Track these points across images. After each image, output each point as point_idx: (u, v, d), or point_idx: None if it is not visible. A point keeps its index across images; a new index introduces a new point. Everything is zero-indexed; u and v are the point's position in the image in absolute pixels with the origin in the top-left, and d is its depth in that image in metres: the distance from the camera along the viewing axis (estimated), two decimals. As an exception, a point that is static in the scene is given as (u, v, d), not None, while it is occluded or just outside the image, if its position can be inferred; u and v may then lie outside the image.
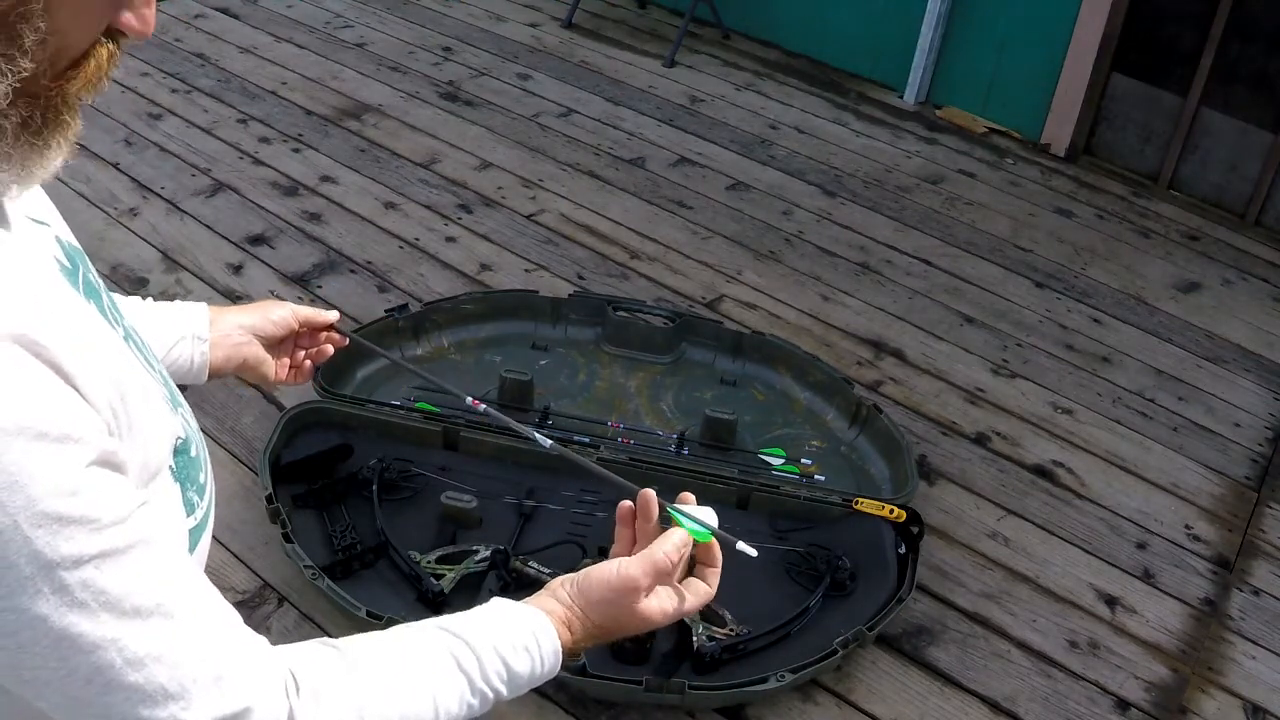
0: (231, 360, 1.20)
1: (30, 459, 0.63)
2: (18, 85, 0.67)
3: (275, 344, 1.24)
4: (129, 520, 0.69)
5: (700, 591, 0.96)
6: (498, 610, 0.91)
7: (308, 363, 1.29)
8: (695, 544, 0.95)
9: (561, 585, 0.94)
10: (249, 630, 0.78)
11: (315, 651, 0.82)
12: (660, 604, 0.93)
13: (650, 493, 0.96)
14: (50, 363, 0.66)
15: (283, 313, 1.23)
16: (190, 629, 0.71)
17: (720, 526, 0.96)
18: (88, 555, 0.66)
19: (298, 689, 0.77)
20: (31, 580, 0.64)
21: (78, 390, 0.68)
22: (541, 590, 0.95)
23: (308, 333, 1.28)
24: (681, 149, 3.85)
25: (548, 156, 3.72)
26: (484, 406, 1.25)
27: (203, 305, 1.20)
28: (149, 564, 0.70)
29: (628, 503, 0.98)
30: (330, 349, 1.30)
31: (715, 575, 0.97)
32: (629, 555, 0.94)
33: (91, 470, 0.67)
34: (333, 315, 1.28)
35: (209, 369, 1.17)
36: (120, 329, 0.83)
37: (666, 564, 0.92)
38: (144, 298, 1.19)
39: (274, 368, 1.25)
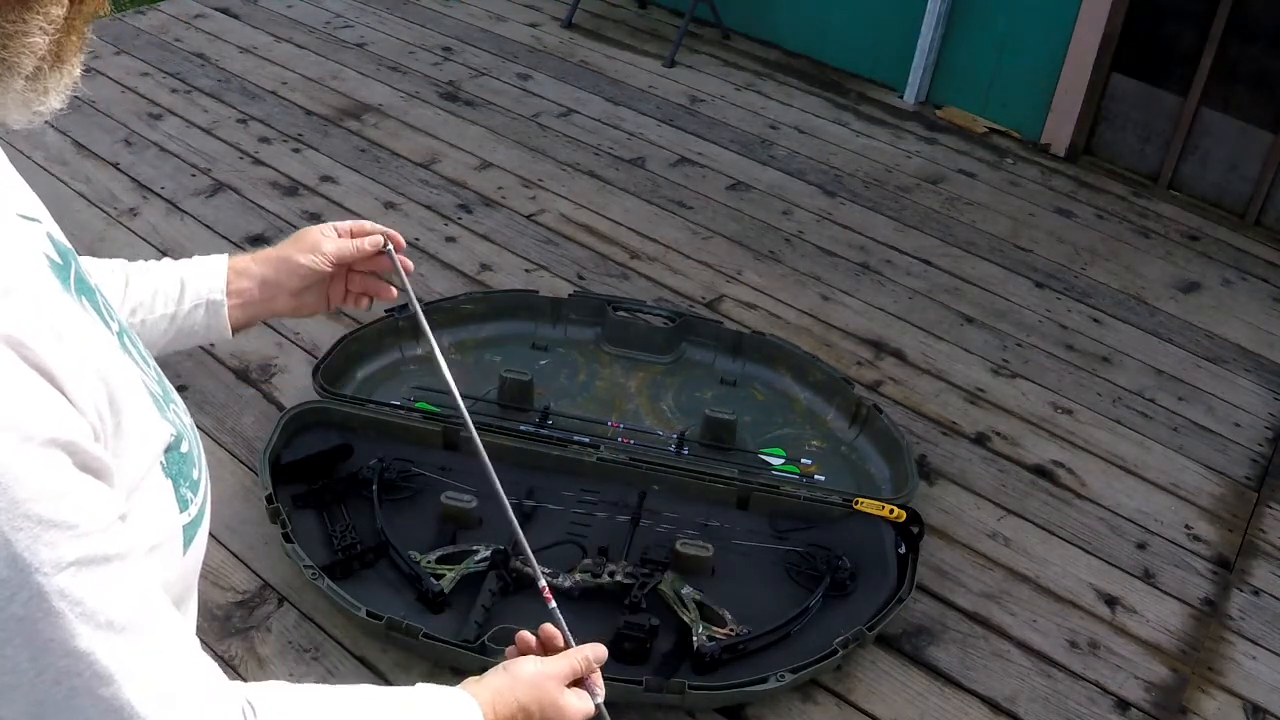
0: (259, 315, 1.17)
1: (15, 460, 0.63)
2: (55, 35, 0.71)
3: (311, 285, 1.18)
4: (109, 531, 0.68)
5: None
6: (427, 693, 0.93)
7: (364, 300, 1.22)
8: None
9: (491, 672, 0.99)
10: (206, 656, 0.78)
11: (263, 684, 0.84)
12: (577, 701, 1.02)
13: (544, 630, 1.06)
14: (37, 365, 0.66)
15: (310, 262, 1.16)
16: (160, 648, 0.71)
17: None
18: (66, 561, 0.65)
19: (254, 713, 0.78)
20: (8, 583, 0.63)
21: (64, 393, 0.67)
22: (470, 679, 0.98)
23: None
24: (681, 149, 3.85)
25: (548, 156, 3.72)
26: (529, 555, 1.15)
27: (223, 260, 1.16)
28: (125, 578, 0.69)
29: (528, 636, 1.06)
30: (393, 291, 1.21)
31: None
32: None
33: (75, 475, 0.66)
34: (376, 242, 1.18)
35: (232, 327, 1.15)
36: (115, 324, 0.83)
37: (579, 668, 1.03)
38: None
39: (319, 304, 1.20)
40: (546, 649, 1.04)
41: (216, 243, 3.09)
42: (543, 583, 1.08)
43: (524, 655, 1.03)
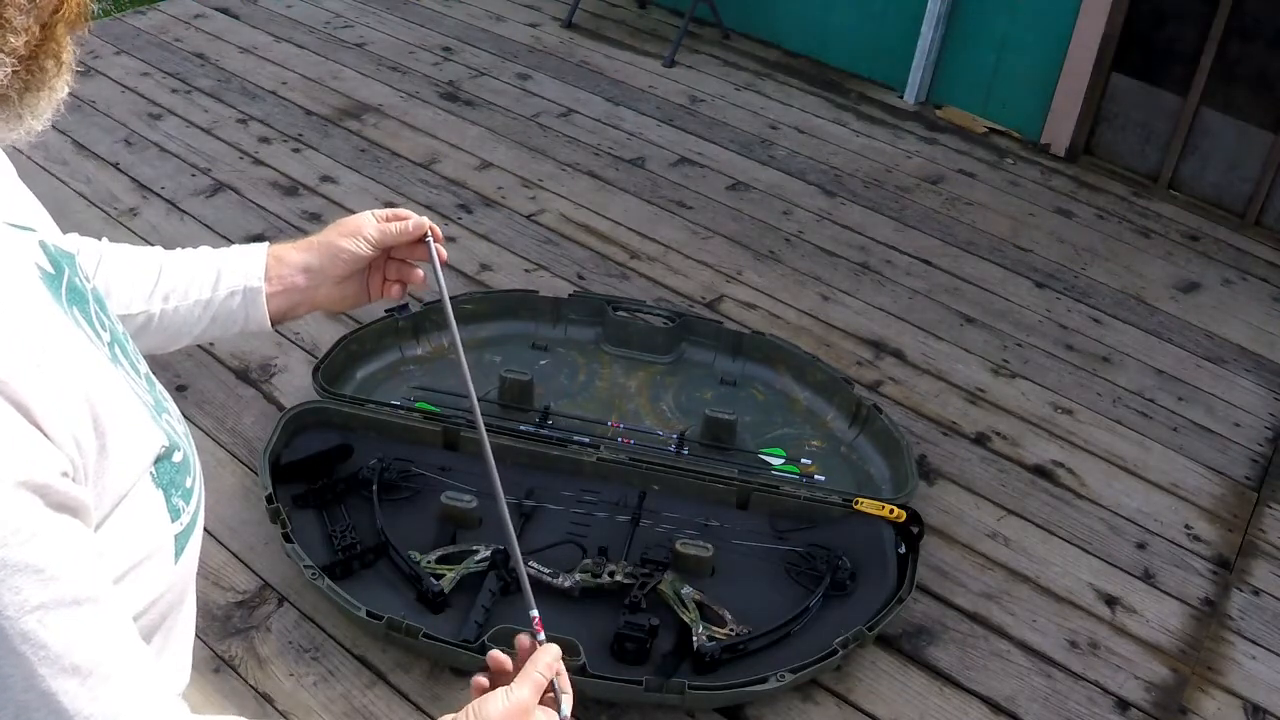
0: (300, 306, 1.15)
1: None
2: (15, 64, 0.69)
3: (354, 273, 1.16)
4: (80, 573, 0.68)
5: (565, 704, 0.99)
6: None
7: (395, 287, 1.19)
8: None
9: (460, 716, 0.93)
10: (173, 697, 0.77)
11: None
12: None
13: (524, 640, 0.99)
14: (13, 400, 0.65)
15: (354, 247, 1.13)
16: (122, 691, 0.70)
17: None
18: (32, 605, 0.64)
19: None
20: None
21: (40, 427, 0.66)
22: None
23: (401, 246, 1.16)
24: (681, 149, 3.85)
25: (548, 156, 3.72)
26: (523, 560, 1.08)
27: (262, 248, 1.14)
28: (93, 620, 0.68)
29: (500, 655, 1.00)
30: (420, 274, 1.18)
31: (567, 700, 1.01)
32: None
33: (46, 517, 0.66)
34: (420, 225, 1.14)
35: (272, 317, 1.13)
36: (106, 334, 0.82)
37: (544, 681, 0.96)
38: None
39: (360, 295, 1.18)
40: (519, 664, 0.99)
41: (216, 243, 3.07)
42: (534, 612, 1.03)
43: (495, 671, 0.99)
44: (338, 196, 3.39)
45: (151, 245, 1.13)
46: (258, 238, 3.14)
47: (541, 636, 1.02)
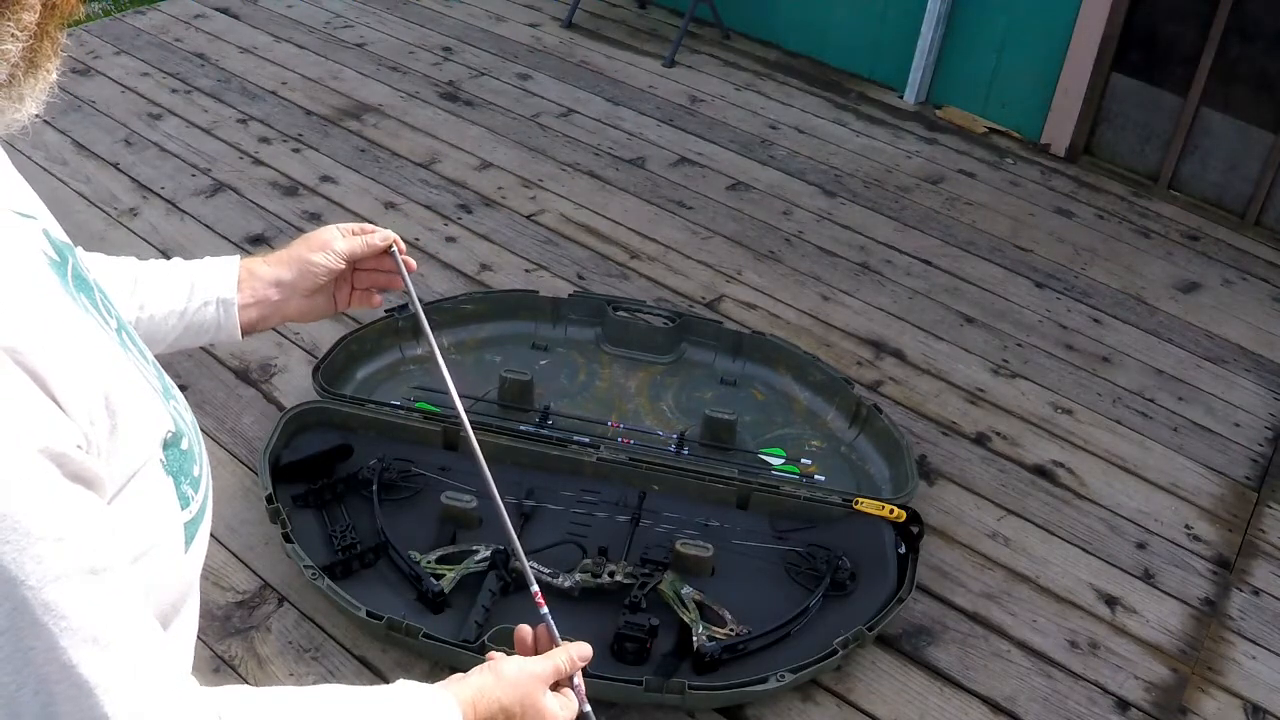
0: (271, 318, 1.17)
1: (4, 471, 0.63)
2: (26, 40, 0.71)
3: (323, 286, 1.19)
4: (96, 543, 0.68)
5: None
6: (405, 692, 0.91)
7: (376, 296, 1.23)
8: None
9: (475, 671, 0.97)
10: (183, 668, 0.78)
11: (233, 691, 0.83)
12: (554, 706, 0.99)
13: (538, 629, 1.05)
14: (30, 370, 0.66)
15: (324, 260, 1.16)
16: (139, 663, 0.70)
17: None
18: (53, 575, 0.65)
19: None
20: None
21: (56, 400, 0.67)
22: (454, 676, 0.96)
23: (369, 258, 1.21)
24: (681, 149, 3.85)
25: (548, 156, 3.72)
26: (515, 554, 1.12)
27: (234, 261, 1.16)
28: (110, 590, 0.69)
29: (527, 630, 1.06)
30: (398, 281, 1.21)
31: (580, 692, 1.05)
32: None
33: (64, 486, 0.66)
34: (386, 238, 1.19)
35: (243, 328, 1.15)
36: (113, 320, 0.83)
37: (563, 669, 1.01)
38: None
39: (328, 307, 1.21)
40: (539, 650, 1.03)
41: (216, 243, 3.09)
42: (534, 587, 1.07)
43: (519, 652, 1.03)
44: (337, 196, 3.39)
45: (152, 245, 1.14)
46: (258, 238, 3.14)
47: (545, 610, 1.06)
